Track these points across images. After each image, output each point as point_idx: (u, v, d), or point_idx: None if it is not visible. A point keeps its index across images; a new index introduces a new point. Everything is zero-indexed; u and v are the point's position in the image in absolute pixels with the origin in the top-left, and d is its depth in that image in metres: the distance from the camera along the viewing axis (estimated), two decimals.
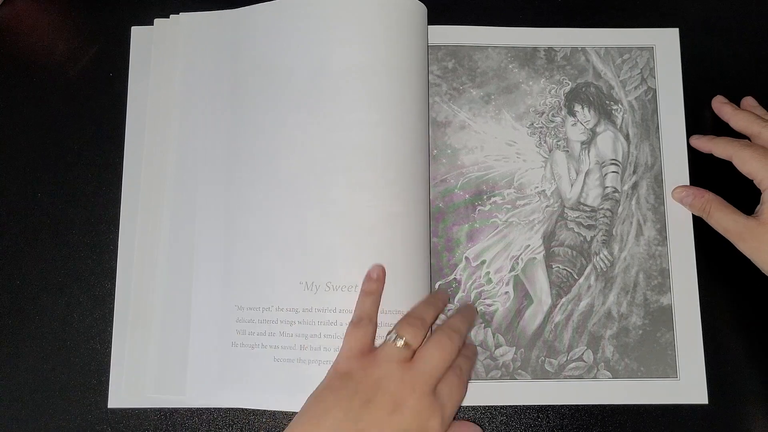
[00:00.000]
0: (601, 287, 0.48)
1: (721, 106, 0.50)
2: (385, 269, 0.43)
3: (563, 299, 0.48)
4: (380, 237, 0.44)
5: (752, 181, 0.46)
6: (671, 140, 0.50)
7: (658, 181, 0.50)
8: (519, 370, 0.46)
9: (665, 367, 0.46)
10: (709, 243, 0.48)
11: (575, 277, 0.48)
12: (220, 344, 0.45)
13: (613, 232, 0.49)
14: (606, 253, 0.48)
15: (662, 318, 0.47)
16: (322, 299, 0.43)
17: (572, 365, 0.46)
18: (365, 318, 0.41)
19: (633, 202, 0.49)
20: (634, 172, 0.50)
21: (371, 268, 0.43)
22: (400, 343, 0.39)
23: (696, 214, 0.48)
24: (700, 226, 0.48)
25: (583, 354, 0.47)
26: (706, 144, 0.49)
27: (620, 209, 0.49)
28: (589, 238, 0.49)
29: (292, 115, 0.46)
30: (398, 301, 0.43)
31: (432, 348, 0.40)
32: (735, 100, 0.50)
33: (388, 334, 0.40)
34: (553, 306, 0.48)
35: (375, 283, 0.42)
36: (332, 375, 0.40)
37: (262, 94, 0.47)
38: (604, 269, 0.48)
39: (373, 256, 0.44)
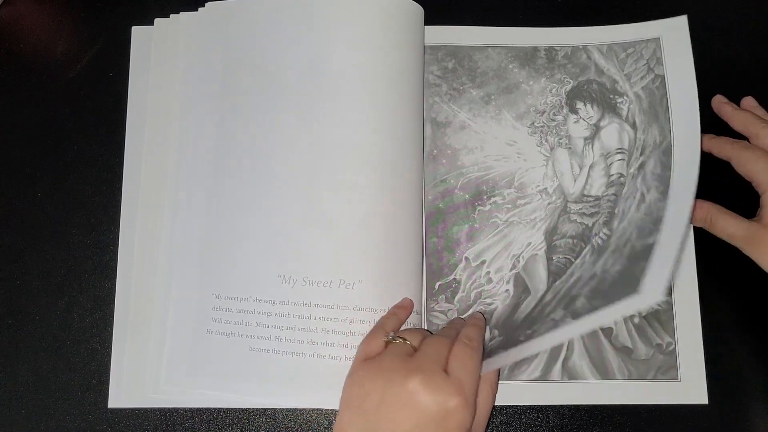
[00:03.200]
0: (594, 259, 0.46)
1: (720, 105, 0.50)
2: (377, 275, 0.44)
3: (557, 282, 0.47)
4: (363, 236, 0.44)
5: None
6: (682, 114, 0.47)
7: (666, 153, 0.47)
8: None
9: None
10: (709, 242, 0.48)
11: (572, 261, 0.48)
12: (196, 330, 0.45)
13: (615, 211, 0.48)
14: (605, 230, 0.47)
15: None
16: (298, 293, 0.44)
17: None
18: (380, 329, 0.42)
19: (639, 180, 0.47)
20: (642, 153, 0.49)
21: (402, 300, 0.44)
22: (400, 340, 0.40)
23: (698, 226, 0.48)
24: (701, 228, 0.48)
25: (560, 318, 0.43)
26: (706, 143, 0.49)
27: (625, 190, 0.48)
28: (591, 224, 0.48)
29: (285, 114, 0.47)
30: (383, 299, 0.44)
31: (431, 339, 0.40)
32: (735, 100, 0.50)
33: (387, 337, 0.41)
34: (547, 291, 0.47)
35: (402, 309, 0.44)
36: (345, 385, 0.40)
37: (258, 93, 0.48)
38: (601, 244, 0.47)
39: (354, 254, 0.44)
